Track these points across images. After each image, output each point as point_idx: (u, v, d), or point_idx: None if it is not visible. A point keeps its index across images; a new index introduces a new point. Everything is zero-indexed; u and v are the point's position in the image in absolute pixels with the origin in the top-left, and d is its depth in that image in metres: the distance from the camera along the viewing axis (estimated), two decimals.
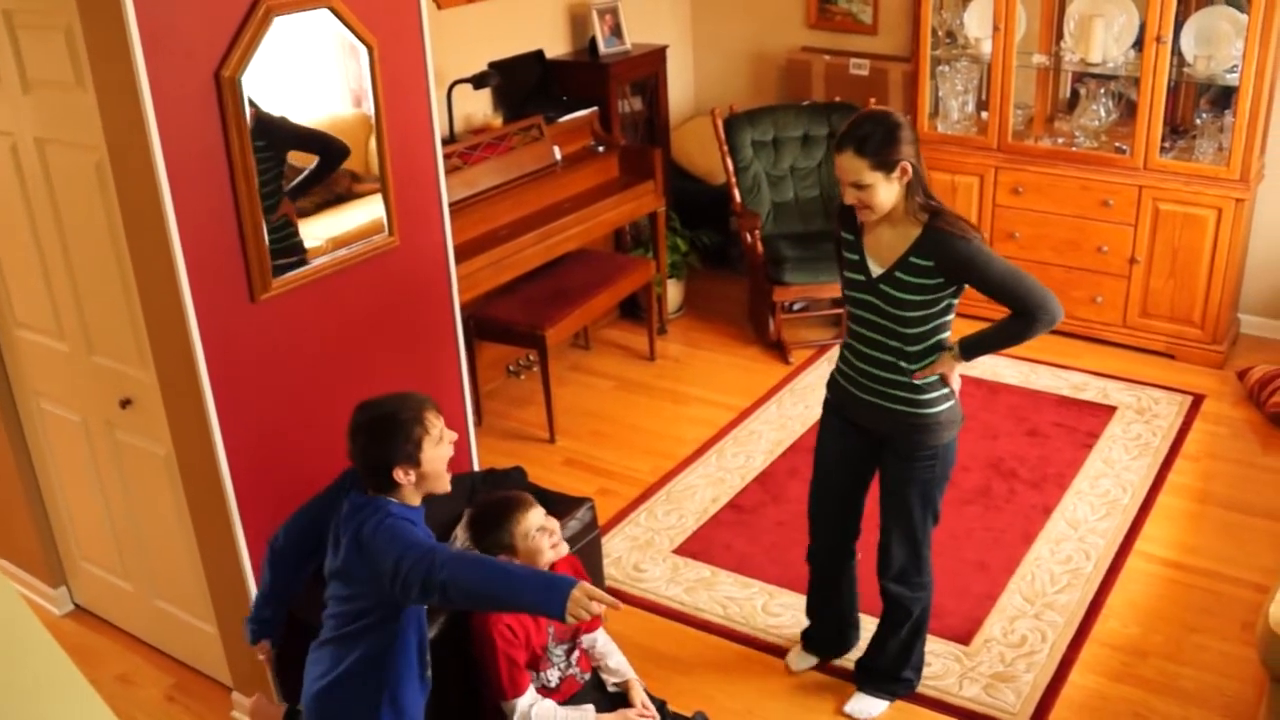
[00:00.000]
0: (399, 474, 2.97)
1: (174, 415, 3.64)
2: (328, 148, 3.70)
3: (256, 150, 3.45)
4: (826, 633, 4.24)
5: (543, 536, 3.52)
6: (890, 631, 3.98)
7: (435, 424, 3.02)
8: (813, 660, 4.25)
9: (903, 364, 3.53)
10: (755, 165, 6.64)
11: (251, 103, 3.38)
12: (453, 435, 3.09)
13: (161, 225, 3.27)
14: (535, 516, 3.53)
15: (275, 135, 3.51)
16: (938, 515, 3.79)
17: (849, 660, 4.24)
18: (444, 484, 3.07)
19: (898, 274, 3.42)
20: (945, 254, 3.36)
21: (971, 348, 3.53)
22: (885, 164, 3.30)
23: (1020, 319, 3.43)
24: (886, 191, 3.34)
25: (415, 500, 3.07)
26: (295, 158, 3.59)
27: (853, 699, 4.07)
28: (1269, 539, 4.73)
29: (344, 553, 3.03)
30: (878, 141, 3.30)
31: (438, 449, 3.02)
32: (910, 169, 3.33)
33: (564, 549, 3.61)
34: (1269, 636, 3.46)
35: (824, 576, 4.14)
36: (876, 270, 3.47)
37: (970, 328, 3.56)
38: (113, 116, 3.26)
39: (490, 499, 3.61)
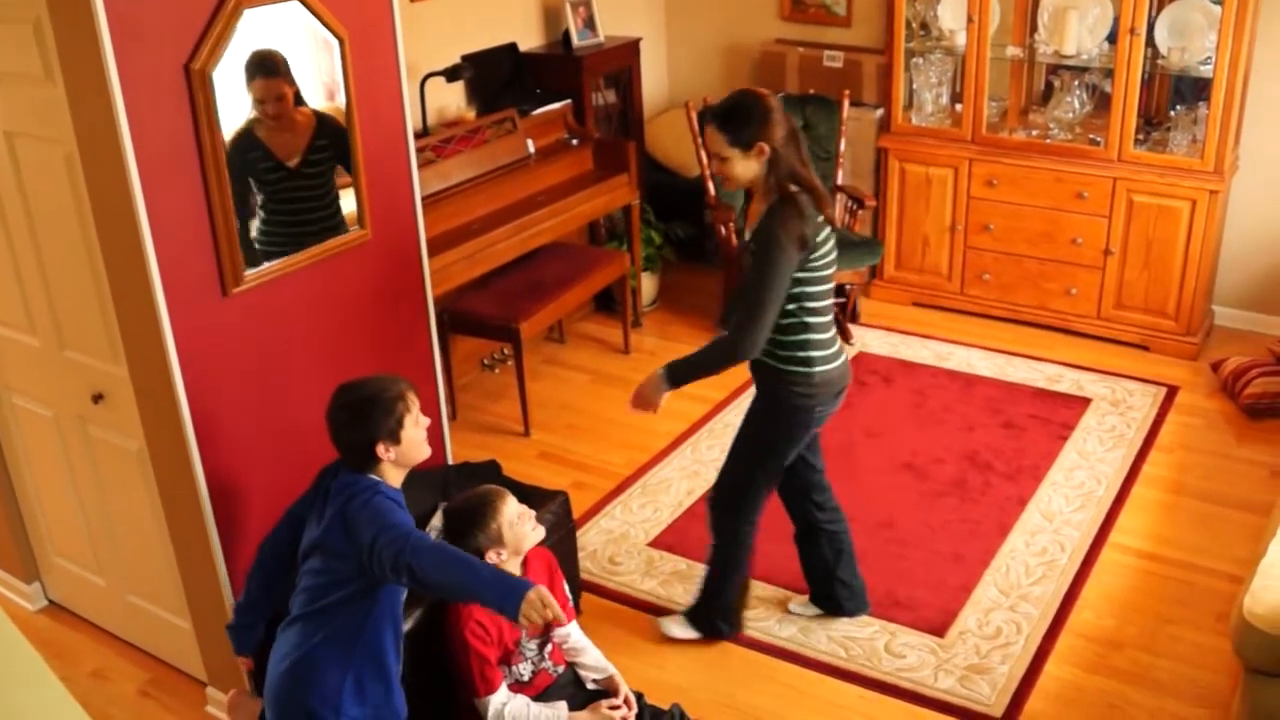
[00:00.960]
0: (381, 449, 3.10)
1: (146, 410, 3.62)
2: None
3: (314, 150, 3.59)
4: (818, 589, 4.40)
5: (524, 521, 3.54)
6: (707, 562, 4.22)
7: (414, 403, 3.18)
8: (813, 609, 4.42)
9: None
10: None
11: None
12: (426, 420, 3.23)
13: (132, 219, 3.24)
14: (513, 504, 3.55)
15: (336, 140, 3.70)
16: (769, 478, 4.01)
17: (825, 652, 4.24)
18: (422, 454, 3.23)
19: (750, 244, 3.67)
20: (755, 236, 3.62)
21: (678, 370, 3.77)
22: (742, 142, 3.55)
23: (723, 342, 3.72)
24: (743, 167, 3.59)
25: (397, 481, 3.19)
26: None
27: (672, 617, 4.35)
28: (1243, 530, 4.75)
29: (326, 524, 3.12)
30: (738, 120, 3.55)
31: (416, 429, 3.18)
32: (768, 150, 3.55)
33: (542, 529, 3.65)
34: (1243, 627, 3.47)
35: (798, 546, 4.35)
36: (746, 237, 3.76)
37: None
38: (82, 110, 3.23)
39: (465, 499, 3.59)
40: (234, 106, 3.41)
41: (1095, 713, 3.96)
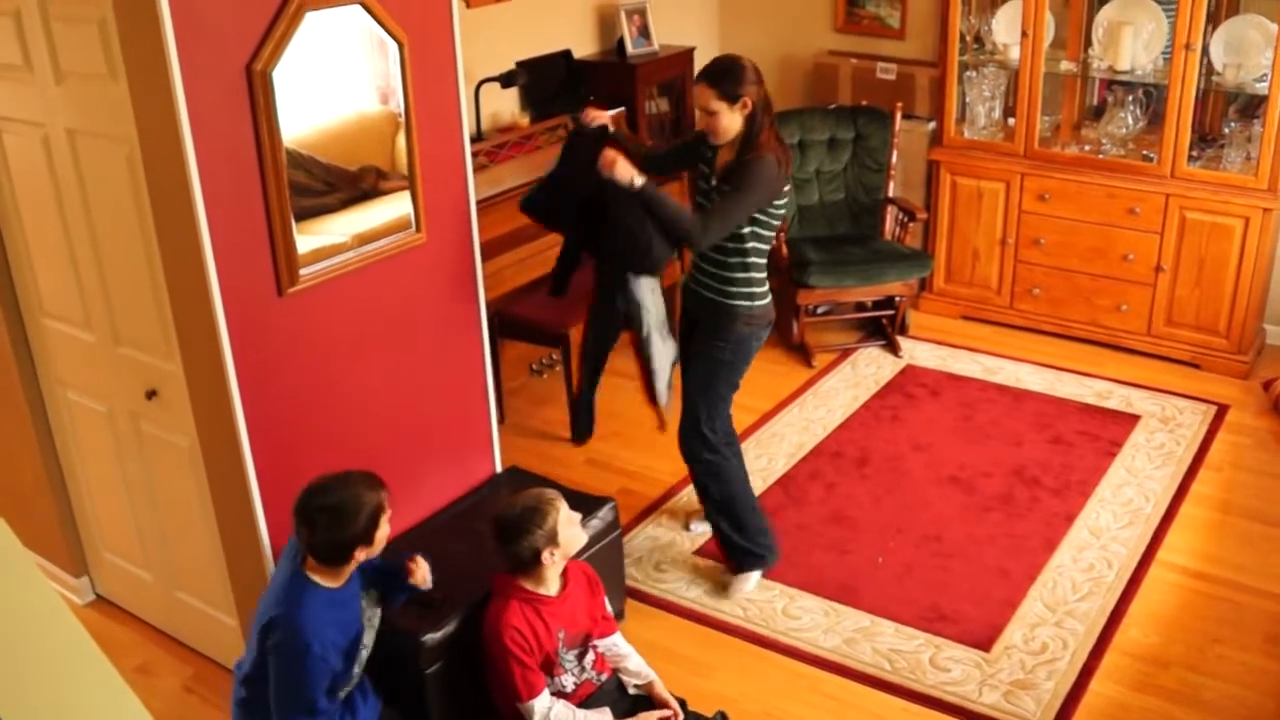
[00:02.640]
0: (359, 553, 3.25)
1: (199, 407, 3.65)
2: None
3: None
4: None
5: (573, 524, 3.58)
6: (708, 510, 4.65)
7: (387, 504, 3.33)
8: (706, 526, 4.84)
9: (719, 258, 4.28)
10: None
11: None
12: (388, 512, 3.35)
13: (191, 217, 3.28)
14: (566, 506, 3.58)
15: None
16: (726, 400, 4.55)
17: (870, 664, 4.23)
18: (380, 550, 3.36)
19: (721, 185, 4.17)
20: (736, 174, 4.10)
21: (650, 190, 4.06)
22: (730, 96, 4.04)
23: (689, 217, 4.16)
24: (729, 120, 4.08)
25: (348, 574, 3.32)
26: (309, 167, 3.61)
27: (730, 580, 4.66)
28: None
29: (256, 628, 3.28)
30: (730, 79, 4.05)
31: (386, 527, 3.32)
32: (751, 105, 4.06)
33: (584, 534, 3.71)
34: None
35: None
36: (713, 182, 4.23)
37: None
38: (144, 108, 3.28)
39: (521, 500, 3.59)
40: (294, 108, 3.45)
41: None
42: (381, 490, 3.27)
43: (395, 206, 3.90)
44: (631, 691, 3.78)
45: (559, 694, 3.61)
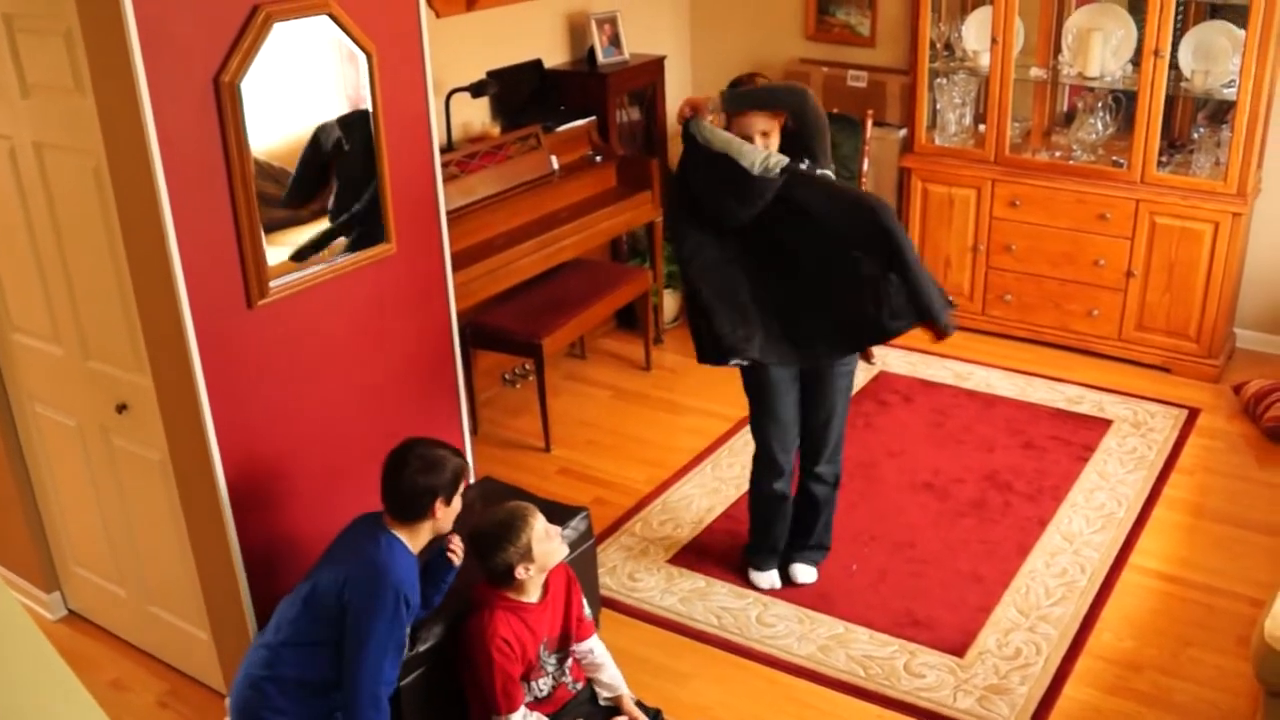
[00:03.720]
0: (439, 505, 3.42)
1: (170, 421, 3.64)
2: None
3: None
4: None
5: (551, 538, 3.56)
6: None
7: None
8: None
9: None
10: None
11: None
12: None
13: (159, 230, 3.27)
14: (542, 520, 3.56)
15: None
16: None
17: (845, 671, 4.24)
18: (448, 526, 3.55)
19: (809, 169, 4.21)
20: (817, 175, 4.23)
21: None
22: (776, 115, 4.18)
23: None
24: (776, 134, 4.19)
25: (421, 543, 3.48)
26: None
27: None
28: (1264, 553, 4.73)
29: (334, 583, 3.38)
30: (776, 102, 4.18)
31: (457, 505, 3.52)
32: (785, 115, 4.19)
33: (565, 546, 3.70)
34: (1264, 650, 3.46)
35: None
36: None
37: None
38: (111, 121, 3.27)
39: (494, 514, 3.57)
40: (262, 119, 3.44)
41: None
42: (464, 461, 3.52)
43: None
44: (602, 703, 3.77)
45: (534, 700, 3.61)
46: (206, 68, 3.28)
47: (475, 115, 6.16)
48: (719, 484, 5.39)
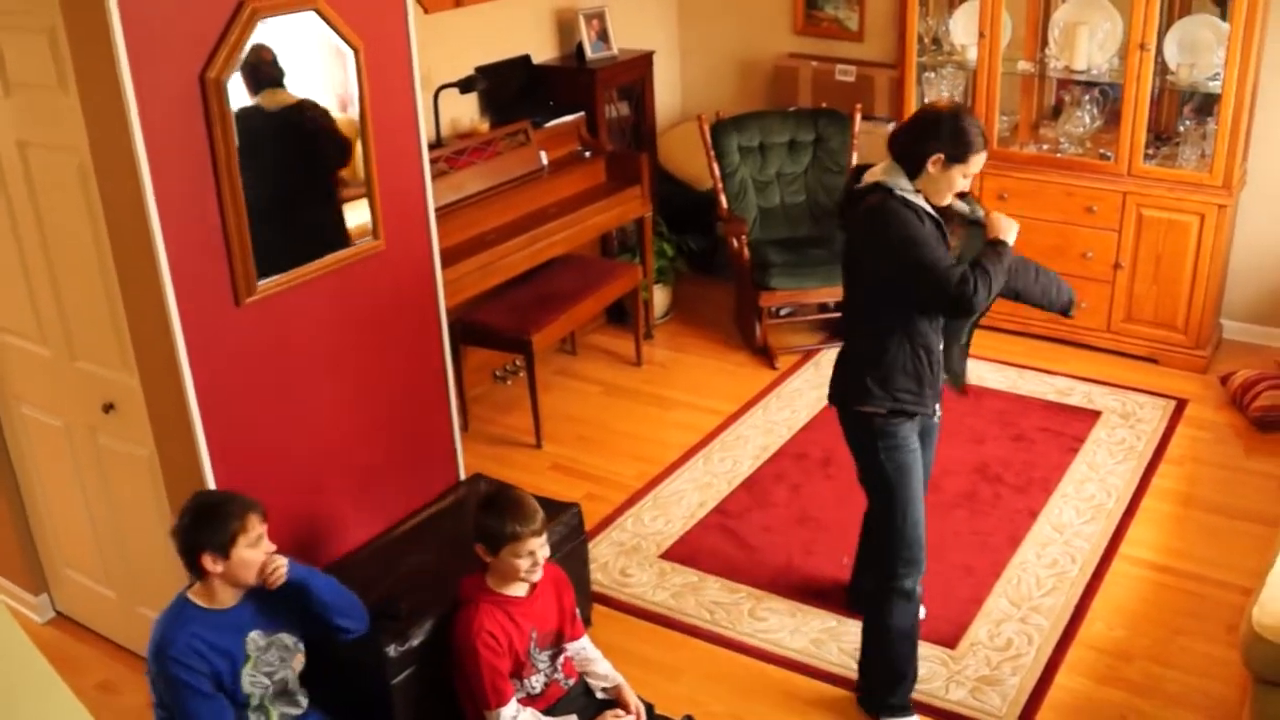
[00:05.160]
0: (208, 560, 3.15)
1: (157, 420, 3.63)
2: None
3: None
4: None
5: (260, 550, 3.29)
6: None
7: (255, 527, 3.20)
8: None
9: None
10: (742, 170, 6.65)
11: None
12: (270, 546, 3.24)
13: (145, 228, 3.26)
14: (537, 543, 3.49)
15: None
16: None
17: (837, 665, 4.24)
18: (250, 578, 3.24)
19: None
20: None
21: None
22: None
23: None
24: None
25: (227, 598, 3.25)
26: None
27: None
28: (1252, 541, 4.73)
29: None
30: None
31: (251, 550, 3.20)
32: None
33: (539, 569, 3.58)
34: (1252, 638, 3.48)
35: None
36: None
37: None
38: (96, 119, 3.26)
39: (512, 498, 3.54)
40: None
41: None
42: (252, 515, 3.20)
43: (357, 214, 3.90)
44: (599, 696, 3.77)
45: (528, 696, 3.60)
46: (192, 64, 3.27)
47: (464, 111, 6.15)
48: (710, 479, 5.39)
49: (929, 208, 3.60)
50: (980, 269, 3.49)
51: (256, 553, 3.20)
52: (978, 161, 3.57)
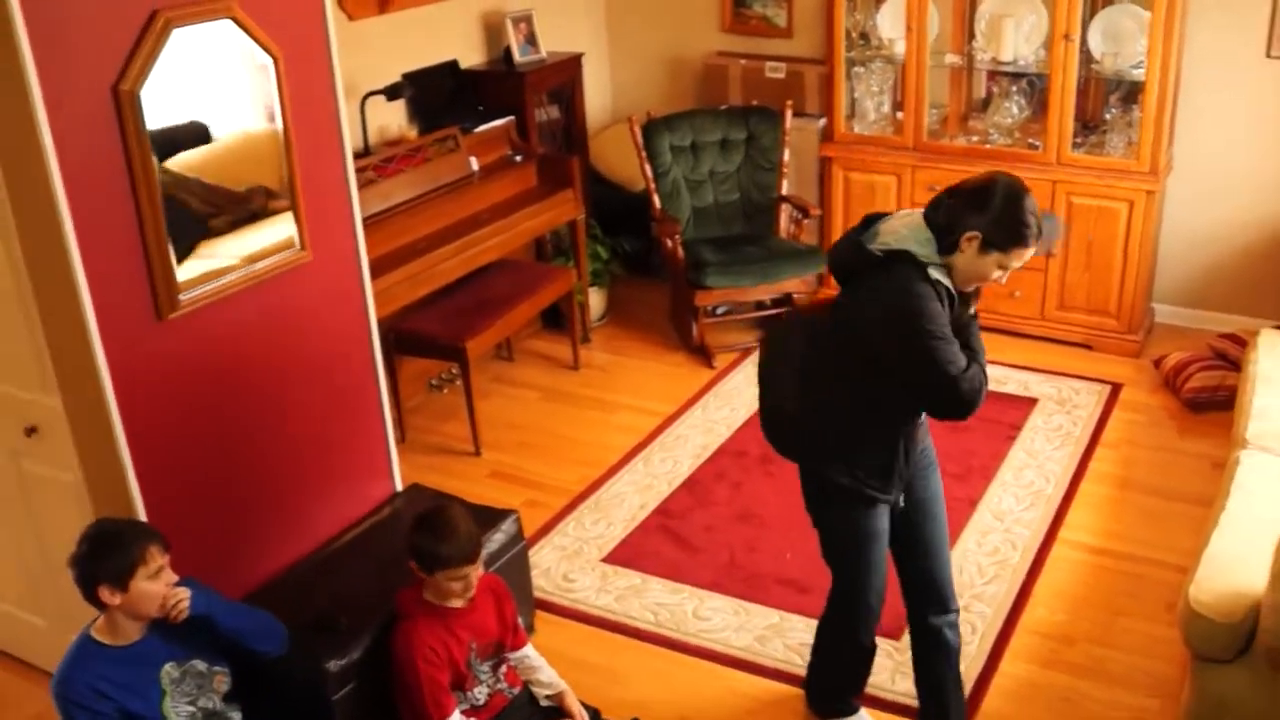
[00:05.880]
0: (105, 593, 3.04)
1: (81, 441, 3.56)
2: None
3: None
4: None
5: (161, 582, 3.19)
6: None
7: (156, 559, 3.09)
8: None
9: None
10: (674, 170, 6.64)
11: None
12: (171, 577, 3.14)
13: (61, 245, 3.19)
14: (471, 569, 3.44)
15: None
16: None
17: (782, 661, 4.23)
18: (150, 611, 3.12)
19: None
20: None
21: None
22: None
23: None
24: None
25: (129, 631, 3.15)
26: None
27: None
28: (1188, 521, 4.77)
29: None
30: None
31: (151, 583, 3.08)
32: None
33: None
34: (1189, 616, 3.51)
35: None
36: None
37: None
38: (5, 133, 3.17)
39: (447, 523, 3.45)
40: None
41: (1051, 708, 3.99)
42: (152, 546, 3.08)
43: (286, 227, 3.84)
44: (543, 703, 3.74)
45: (471, 708, 3.56)
46: (105, 75, 3.20)
47: (392, 119, 6.10)
48: (651, 480, 5.37)
49: (952, 287, 3.15)
50: (977, 359, 3.22)
51: (156, 585, 3.09)
52: (1021, 257, 3.09)
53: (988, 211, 3.03)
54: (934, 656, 3.71)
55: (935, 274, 3.10)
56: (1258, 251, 6.38)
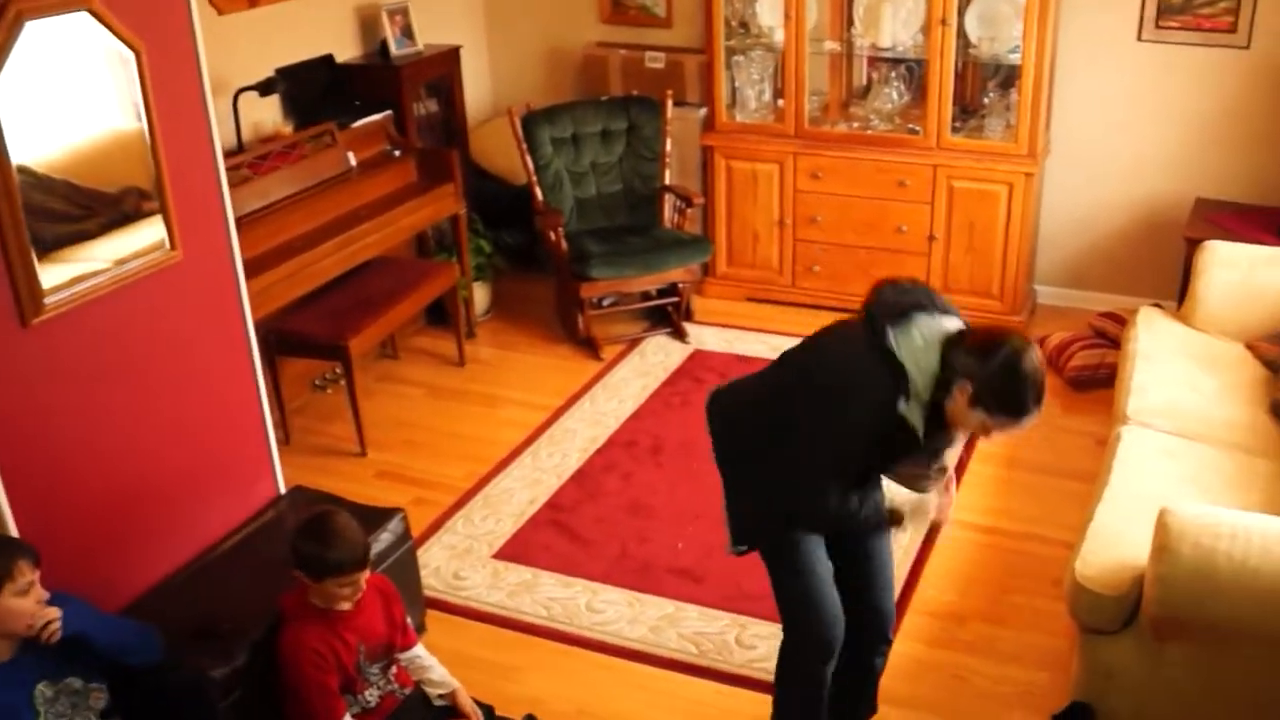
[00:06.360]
0: None
1: None
2: None
3: None
4: None
5: (350, 589, 3.38)
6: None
7: (24, 574, 3.01)
8: None
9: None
10: (555, 163, 6.59)
11: None
12: (42, 595, 3.06)
13: None
14: (360, 574, 3.39)
15: None
16: None
17: (677, 650, 4.21)
18: (19, 626, 3.03)
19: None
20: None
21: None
22: None
23: None
24: None
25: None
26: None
27: None
28: (1072, 497, 4.83)
29: None
30: None
31: (19, 599, 3.00)
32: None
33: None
34: (1075, 589, 3.55)
35: None
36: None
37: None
38: None
39: (334, 529, 3.39)
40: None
41: (943, 686, 4.02)
42: (21, 561, 3.01)
43: (160, 229, 3.72)
44: (436, 703, 3.68)
45: (363, 711, 3.50)
46: None
47: (266, 115, 5.98)
48: (540, 474, 5.32)
49: (920, 428, 3.03)
50: (870, 505, 3.32)
51: (25, 602, 3.00)
52: (1006, 428, 3.03)
53: (985, 368, 2.93)
54: (859, 678, 3.68)
55: (903, 409, 2.99)
56: (1135, 231, 6.51)
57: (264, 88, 5.63)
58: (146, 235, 3.68)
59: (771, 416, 3.37)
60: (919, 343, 3.03)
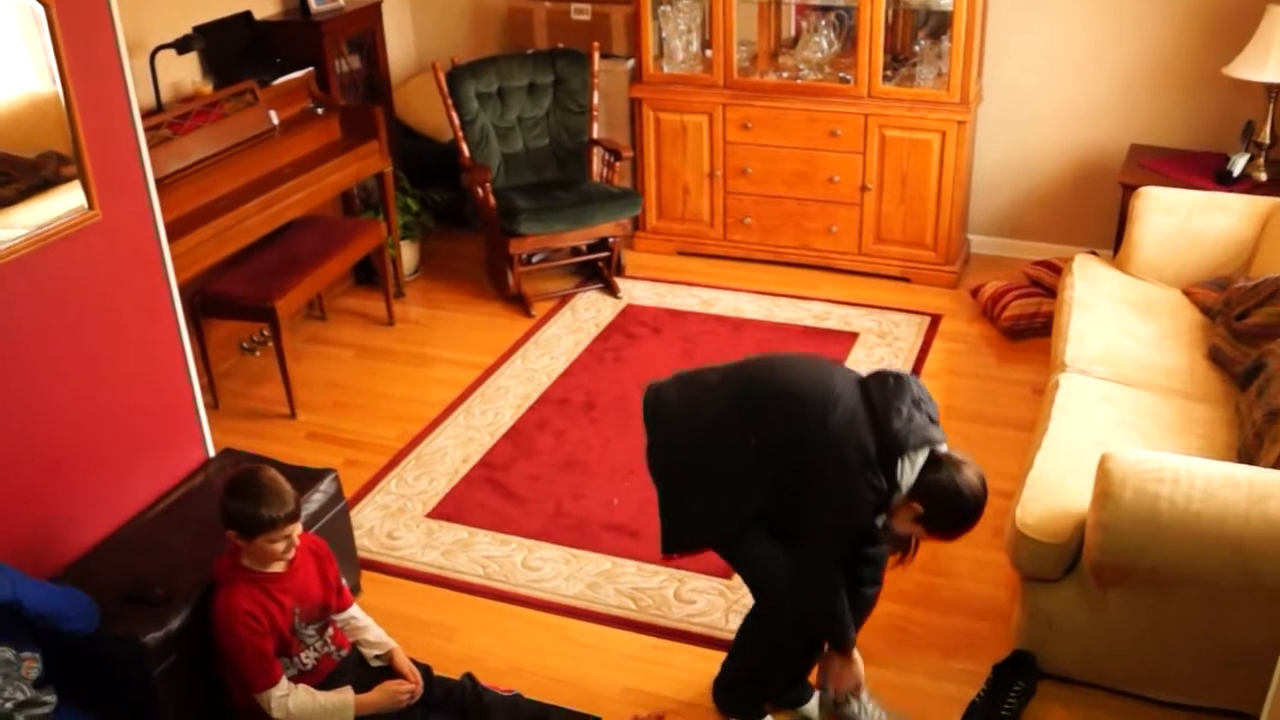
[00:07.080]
0: None
1: None
2: None
3: None
4: None
5: (284, 544, 3.34)
6: None
7: None
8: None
9: None
10: (482, 118, 6.48)
11: None
12: None
13: None
14: (293, 528, 3.35)
15: None
16: None
17: (615, 606, 4.18)
18: None
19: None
20: None
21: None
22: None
23: None
24: None
25: None
26: None
27: None
28: (1010, 446, 4.84)
29: None
30: None
31: None
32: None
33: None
34: (1016, 538, 3.56)
35: None
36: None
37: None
38: None
39: (262, 483, 3.33)
40: None
41: (885, 636, 4.00)
42: None
43: (80, 193, 3.61)
44: (373, 664, 3.64)
45: (300, 673, 3.45)
46: None
47: (185, 74, 5.83)
48: (473, 433, 5.26)
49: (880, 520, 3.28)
50: (826, 614, 3.39)
51: None
52: (938, 540, 3.31)
53: (938, 487, 3.20)
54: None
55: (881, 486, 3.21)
56: (1068, 179, 6.52)
57: (181, 45, 5.48)
58: (69, 200, 3.58)
59: (727, 437, 3.43)
60: (918, 440, 3.28)
